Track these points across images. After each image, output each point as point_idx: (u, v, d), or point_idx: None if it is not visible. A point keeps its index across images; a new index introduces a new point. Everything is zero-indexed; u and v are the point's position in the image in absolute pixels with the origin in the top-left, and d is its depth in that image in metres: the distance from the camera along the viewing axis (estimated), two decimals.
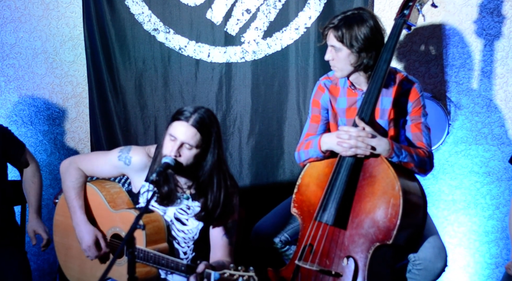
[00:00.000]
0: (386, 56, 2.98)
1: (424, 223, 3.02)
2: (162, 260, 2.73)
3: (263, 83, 4.03)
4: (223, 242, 2.97)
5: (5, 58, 4.24)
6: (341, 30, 2.97)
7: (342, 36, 2.98)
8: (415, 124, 3.09)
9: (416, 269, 3.01)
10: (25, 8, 4.18)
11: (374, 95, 2.95)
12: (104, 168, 3.06)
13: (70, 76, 4.25)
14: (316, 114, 3.24)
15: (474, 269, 3.95)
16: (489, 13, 3.81)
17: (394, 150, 2.90)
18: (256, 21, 3.96)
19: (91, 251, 3.01)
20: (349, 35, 2.97)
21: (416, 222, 2.98)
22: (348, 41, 2.97)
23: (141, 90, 4.12)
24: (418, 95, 3.08)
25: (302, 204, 3.07)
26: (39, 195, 3.54)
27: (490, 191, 3.91)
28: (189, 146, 2.80)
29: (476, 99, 3.89)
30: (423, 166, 3.00)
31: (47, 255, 4.32)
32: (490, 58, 3.84)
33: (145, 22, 4.05)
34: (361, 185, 2.92)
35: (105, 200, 3.05)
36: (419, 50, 3.91)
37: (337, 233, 2.92)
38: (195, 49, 4.03)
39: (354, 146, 2.89)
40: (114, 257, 2.33)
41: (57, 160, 4.27)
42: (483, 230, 3.93)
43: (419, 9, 3.10)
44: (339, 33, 2.98)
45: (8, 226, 3.48)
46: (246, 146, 4.07)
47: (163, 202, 2.94)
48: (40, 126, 4.29)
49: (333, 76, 3.20)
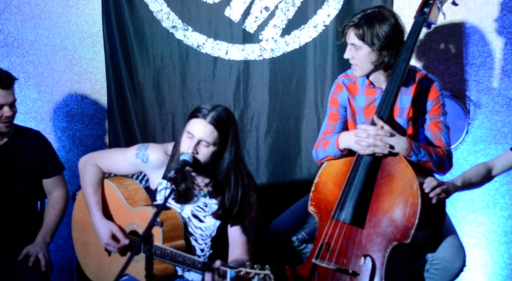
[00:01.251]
0: (405, 55, 2.98)
1: (442, 223, 3.02)
2: (178, 257, 2.75)
3: (281, 81, 4.03)
4: (242, 240, 2.97)
5: (25, 55, 4.26)
6: (362, 28, 2.97)
7: (363, 34, 2.97)
8: (434, 122, 3.08)
9: (434, 269, 3.02)
10: (45, 5, 4.21)
11: (393, 93, 2.95)
12: (122, 165, 3.09)
13: (88, 73, 4.27)
14: (334, 112, 3.24)
15: (493, 269, 3.94)
16: (510, 11, 3.79)
17: (413, 149, 2.89)
18: (274, 18, 3.96)
19: (111, 245, 3.03)
20: (370, 33, 2.96)
21: (434, 222, 2.98)
22: (369, 39, 2.97)
23: (159, 87, 4.14)
24: (438, 94, 3.07)
25: (319, 202, 3.08)
26: (53, 223, 3.49)
27: (509, 191, 3.90)
28: (206, 143, 2.81)
29: (496, 98, 3.87)
30: (441, 165, 2.99)
31: (65, 251, 4.36)
32: (511, 56, 3.82)
33: (164, 19, 4.07)
34: (379, 183, 2.92)
35: (122, 197, 3.07)
36: (438, 48, 3.90)
37: (355, 232, 2.93)
38: (213, 47, 4.05)
39: (373, 145, 2.89)
40: (132, 253, 2.36)
41: (75, 157, 4.30)
42: (502, 230, 3.92)
43: (439, 7, 3.10)
44: (360, 31, 2.98)
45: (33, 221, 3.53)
46: (263, 144, 4.08)
47: (180, 200, 2.96)
48: (58, 122, 4.32)
49: (351, 75, 3.20)
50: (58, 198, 3.56)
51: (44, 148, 3.54)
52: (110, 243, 3.02)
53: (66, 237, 4.32)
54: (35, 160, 3.49)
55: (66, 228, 4.19)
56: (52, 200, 3.56)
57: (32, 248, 3.35)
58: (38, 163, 3.50)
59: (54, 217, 3.51)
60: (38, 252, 3.33)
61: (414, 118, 3.11)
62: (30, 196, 3.55)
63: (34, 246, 3.37)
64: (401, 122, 3.10)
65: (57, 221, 3.52)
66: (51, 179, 3.56)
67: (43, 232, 3.45)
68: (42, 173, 3.53)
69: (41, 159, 3.51)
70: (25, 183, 3.47)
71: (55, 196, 3.56)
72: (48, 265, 3.35)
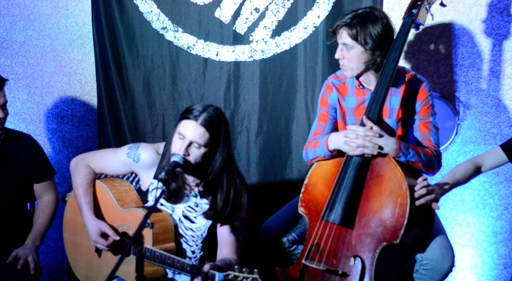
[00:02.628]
0: (394, 56, 3.01)
1: (431, 223, 3.05)
2: (168, 259, 2.75)
3: (271, 82, 4.05)
4: (230, 240, 2.99)
5: (14, 56, 4.25)
6: (355, 28, 3.00)
7: (356, 34, 3.00)
8: (423, 123, 3.11)
9: (423, 269, 3.04)
10: (34, 6, 4.20)
11: (382, 94, 2.98)
12: (113, 165, 3.10)
13: (78, 74, 4.27)
14: (324, 113, 3.27)
15: (482, 269, 3.95)
16: (499, 12, 3.82)
17: (402, 149, 2.92)
18: (264, 20, 3.98)
19: (99, 243, 3.03)
20: (363, 33, 2.99)
21: (424, 222, 3.00)
22: (362, 39, 2.99)
23: (150, 89, 4.15)
24: (427, 95, 3.10)
25: (309, 203, 3.10)
26: (43, 226, 3.49)
27: (498, 192, 3.92)
28: (197, 145, 2.82)
29: (485, 99, 3.90)
30: (431, 166, 3.02)
31: (55, 253, 4.35)
32: (500, 58, 3.85)
33: (154, 21, 4.08)
34: (368, 184, 2.94)
35: (114, 198, 3.08)
36: (428, 49, 3.93)
37: (344, 233, 2.95)
38: (204, 48, 4.06)
39: (362, 146, 2.92)
40: (122, 255, 2.35)
41: (65, 158, 4.29)
42: (492, 231, 3.94)
43: (427, 8, 3.13)
44: (353, 31, 3.00)
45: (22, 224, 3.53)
46: (254, 145, 4.10)
47: (171, 199, 2.97)
48: (48, 124, 4.31)
49: (341, 75, 3.22)
50: (49, 202, 3.56)
51: (36, 152, 3.54)
52: (98, 240, 3.02)
53: (56, 238, 4.31)
54: (26, 164, 3.49)
55: (56, 230, 4.18)
56: (42, 204, 3.55)
57: (21, 251, 3.34)
58: (30, 167, 3.50)
59: (44, 220, 3.51)
60: (28, 255, 3.33)
61: (403, 119, 3.14)
62: (21, 200, 3.54)
63: (24, 249, 3.36)
64: (390, 123, 3.13)
65: (47, 224, 3.52)
66: (42, 184, 3.55)
67: (32, 235, 3.45)
68: (34, 178, 3.53)
69: (33, 164, 3.50)
70: (16, 187, 3.47)
71: (46, 200, 3.56)
72: (37, 268, 3.35)
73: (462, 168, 3.06)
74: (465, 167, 3.06)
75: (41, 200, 3.56)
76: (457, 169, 3.05)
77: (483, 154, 3.17)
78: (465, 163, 3.09)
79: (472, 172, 3.05)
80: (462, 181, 3.03)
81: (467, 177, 3.04)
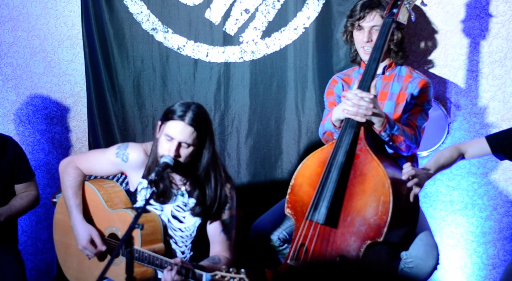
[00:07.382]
0: (375, 55, 3.17)
1: (416, 221, 3.11)
2: (156, 260, 2.81)
3: (262, 83, 4.09)
4: (221, 238, 3.06)
5: (3, 57, 4.31)
6: (386, 9, 3.24)
7: None
8: (416, 108, 3.31)
9: (407, 268, 3.10)
10: (23, 7, 4.25)
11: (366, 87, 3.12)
12: (102, 165, 3.16)
13: (68, 75, 4.31)
14: (332, 101, 3.47)
15: (471, 270, 3.99)
16: (487, 14, 3.86)
17: (389, 121, 3.08)
18: (254, 21, 4.04)
19: (88, 249, 3.09)
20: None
21: (408, 220, 3.07)
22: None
23: (139, 90, 4.20)
24: (428, 85, 3.34)
25: (295, 204, 3.16)
26: (15, 208, 3.60)
27: (487, 192, 3.96)
28: (186, 145, 2.89)
29: (474, 100, 3.93)
30: (409, 142, 3.18)
31: (45, 255, 4.39)
32: (489, 59, 3.89)
33: (144, 22, 4.14)
34: (352, 183, 3.01)
35: (102, 199, 3.13)
36: (417, 50, 3.97)
37: (329, 232, 3.01)
38: (194, 49, 4.12)
39: (357, 105, 3.03)
40: (112, 256, 2.41)
41: (55, 159, 4.33)
42: (480, 231, 3.97)
43: (408, 7, 3.26)
44: (384, 12, 3.24)
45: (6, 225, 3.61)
46: (244, 146, 4.15)
47: (160, 199, 3.03)
48: (38, 125, 4.36)
49: (345, 72, 3.49)
50: (29, 194, 3.68)
51: (17, 154, 3.63)
52: (87, 247, 3.08)
53: (45, 240, 4.36)
54: (7, 166, 3.58)
55: (45, 232, 4.25)
56: (23, 193, 3.67)
57: None
58: (11, 169, 3.60)
59: (19, 205, 3.62)
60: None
61: (402, 104, 3.34)
62: (2, 201, 3.63)
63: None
64: (389, 105, 3.33)
65: (19, 209, 3.63)
66: (22, 184, 3.68)
67: (4, 208, 3.55)
68: (15, 179, 3.64)
69: (13, 165, 3.60)
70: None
71: (27, 192, 3.67)
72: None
73: (447, 153, 3.15)
74: (450, 152, 3.16)
75: (22, 188, 3.69)
76: (442, 154, 3.15)
77: (468, 142, 3.27)
78: (449, 148, 3.19)
79: (456, 157, 3.16)
80: (446, 166, 3.13)
81: (451, 162, 3.14)
